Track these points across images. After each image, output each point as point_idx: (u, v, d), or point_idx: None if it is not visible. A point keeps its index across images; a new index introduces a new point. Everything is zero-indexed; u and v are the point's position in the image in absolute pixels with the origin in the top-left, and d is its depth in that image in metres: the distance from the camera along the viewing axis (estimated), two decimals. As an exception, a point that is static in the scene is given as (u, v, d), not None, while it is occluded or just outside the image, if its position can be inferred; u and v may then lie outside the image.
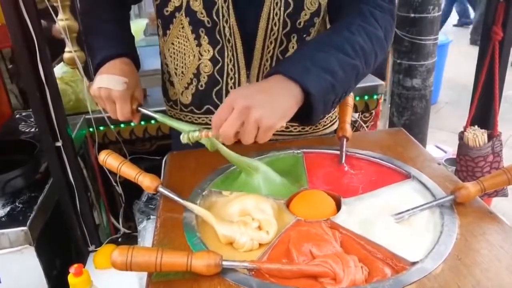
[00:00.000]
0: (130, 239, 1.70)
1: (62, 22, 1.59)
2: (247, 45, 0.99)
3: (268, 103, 0.75)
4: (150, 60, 2.20)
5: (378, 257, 0.69)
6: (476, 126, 1.25)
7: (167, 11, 1.01)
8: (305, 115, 0.82)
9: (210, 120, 0.88)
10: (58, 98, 1.13)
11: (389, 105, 2.53)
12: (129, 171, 0.84)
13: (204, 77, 1.05)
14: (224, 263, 0.65)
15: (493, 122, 1.27)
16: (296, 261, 0.68)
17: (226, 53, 1.01)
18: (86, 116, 1.68)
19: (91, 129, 1.70)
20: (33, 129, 1.58)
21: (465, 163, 1.26)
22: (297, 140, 1.08)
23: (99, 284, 0.92)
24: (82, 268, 0.84)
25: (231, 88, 1.04)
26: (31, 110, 1.76)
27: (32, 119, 1.66)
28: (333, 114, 1.18)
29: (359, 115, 1.94)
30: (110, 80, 0.93)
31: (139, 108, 0.98)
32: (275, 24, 0.97)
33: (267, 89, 0.78)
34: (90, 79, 1.79)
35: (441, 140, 2.88)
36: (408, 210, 0.79)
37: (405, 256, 0.68)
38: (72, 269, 0.83)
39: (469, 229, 0.75)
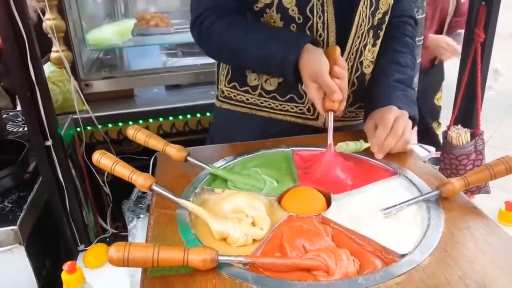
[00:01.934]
0: (119, 239, 1.70)
1: (49, 21, 1.58)
2: (339, 39, 1.07)
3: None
4: (138, 60, 2.20)
5: (368, 250, 0.71)
6: (459, 125, 1.29)
7: (257, 7, 1.06)
8: None
9: (291, 108, 1.14)
10: (48, 98, 1.13)
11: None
12: (123, 170, 0.84)
13: None
14: (220, 258, 0.66)
15: (476, 121, 1.31)
16: (289, 255, 0.70)
17: None
18: (74, 116, 1.67)
19: (78, 129, 1.70)
20: (21, 129, 1.57)
21: (449, 161, 1.29)
22: (286, 139, 1.10)
23: (90, 283, 0.92)
24: (76, 265, 0.85)
25: None
26: (18, 109, 1.76)
27: (19, 119, 1.64)
28: None
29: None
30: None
31: (188, 158, 0.96)
32: (363, 21, 1.07)
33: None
34: (77, 78, 1.79)
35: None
36: (395, 205, 0.81)
37: (394, 249, 0.70)
38: (66, 266, 0.83)
39: (454, 223, 0.77)
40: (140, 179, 0.82)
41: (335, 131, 0.99)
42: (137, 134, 0.97)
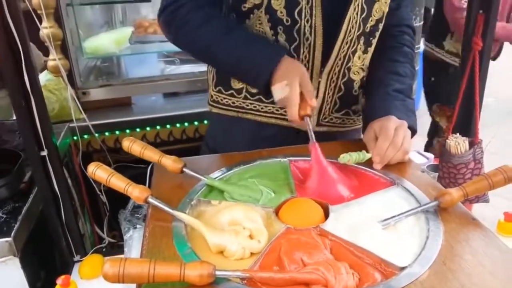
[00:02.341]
0: (115, 248, 1.68)
1: (46, 30, 1.58)
2: (326, 43, 1.07)
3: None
4: (135, 68, 2.20)
5: (367, 262, 0.71)
6: (457, 134, 1.28)
7: (244, 7, 1.06)
8: None
9: (276, 110, 1.15)
10: (43, 107, 1.12)
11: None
12: (118, 182, 0.84)
13: None
14: (217, 272, 0.65)
15: (474, 129, 1.30)
16: (287, 269, 0.69)
17: (302, 50, 1.07)
18: (70, 125, 1.66)
19: (75, 138, 1.69)
20: (17, 138, 1.55)
21: (448, 170, 1.29)
22: (283, 149, 1.09)
23: (86, 295, 0.91)
24: (69, 279, 0.84)
25: None
26: (14, 119, 1.74)
27: (15, 129, 1.63)
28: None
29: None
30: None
31: (184, 169, 0.95)
32: (352, 27, 1.06)
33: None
34: (74, 87, 1.78)
35: (423, 146, 2.93)
36: (394, 216, 0.81)
37: (394, 262, 0.69)
38: (60, 280, 0.82)
39: (453, 235, 0.77)
40: (135, 192, 0.81)
41: (319, 137, 0.98)
42: (133, 145, 0.96)
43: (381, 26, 1.13)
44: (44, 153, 1.14)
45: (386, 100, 1.08)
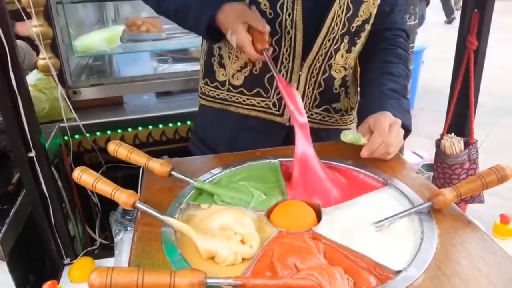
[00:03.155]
0: (106, 250, 1.66)
1: (36, 28, 1.55)
2: (306, 38, 1.08)
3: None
4: (127, 67, 2.17)
5: (362, 266, 0.69)
6: (452, 134, 1.27)
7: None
8: None
9: (257, 102, 1.17)
10: (30, 108, 1.10)
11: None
12: (105, 187, 0.81)
13: (259, 63, 1.13)
14: (208, 280, 0.63)
15: (469, 129, 1.29)
16: (280, 274, 0.67)
17: (283, 43, 1.09)
18: (61, 124, 1.64)
19: (65, 138, 1.67)
20: (4, 139, 1.53)
21: (442, 170, 1.28)
22: (274, 149, 1.08)
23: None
24: (56, 284, 0.81)
25: (283, 75, 1.13)
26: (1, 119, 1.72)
27: (2, 128, 1.60)
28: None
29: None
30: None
31: (172, 173, 0.93)
32: (336, 24, 1.08)
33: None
34: (65, 86, 1.76)
35: (418, 145, 2.93)
36: (387, 218, 0.79)
37: (389, 265, 0.68)
38: (46, 286, 0.80)
39: (448, 238, 0.75)
40: (123, 197, 0.79)
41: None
42: (118, 149, 0.93)
43: (367, 27, 1.14)
44: (32, 154, 1.12)
45: (381, 99, 1.08)
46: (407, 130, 1.04)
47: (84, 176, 0.82)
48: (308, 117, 1.18)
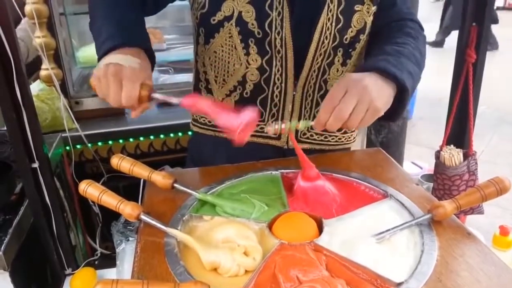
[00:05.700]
0: (108, 260, 1.66)
1: (39, 39, 1.57)
2: (297, 56, 1.03)
3: (379, 88, 0.86)
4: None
5: (364, 278, 0.70)
6: (452, 145, 1.28)
7: (214, 20, 1.02)
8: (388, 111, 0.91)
9: None
10: (34, 119, 1.11)
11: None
12: (110, 200, 0.83)
13: (250, 85, 1.08)
14: (211, 292, 0.64)
15: (468, 141, 1.30)
16: (283, 287, 0.68)
17: (274, 63, 1.04)
18: (63, 134, 1.65)
19: (67, 148, 1.67)
20: (7, 149, 1.53)
21: (442, 181, 1.29)
22: (275, 161, 1.09)
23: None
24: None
25: (276, 96, 1.08)
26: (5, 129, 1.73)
27: (5, 139, 1.61)
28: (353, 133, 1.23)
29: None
30: (123, 58, 0.84)
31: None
32: (326, 38, 1.02)
33: (374, 79, 0.87)
34: (67, 96, 1.77)
35: (417, 155, 2.94)
36: (388, 230, 0.80)
37: (390, 277, 0.68)
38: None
39: (448, 250, 0.76)
40: (127, 209, 0.80)
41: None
42: (121, 162, 0.95)
43: (363, 37, 1.06)
44: (36, 165, 1.13)
45: (377, 55, 0.97)
46: (403, 88, 0.90)
47: (90, 189, 0.83)
48: (307, 138, 1.15)
